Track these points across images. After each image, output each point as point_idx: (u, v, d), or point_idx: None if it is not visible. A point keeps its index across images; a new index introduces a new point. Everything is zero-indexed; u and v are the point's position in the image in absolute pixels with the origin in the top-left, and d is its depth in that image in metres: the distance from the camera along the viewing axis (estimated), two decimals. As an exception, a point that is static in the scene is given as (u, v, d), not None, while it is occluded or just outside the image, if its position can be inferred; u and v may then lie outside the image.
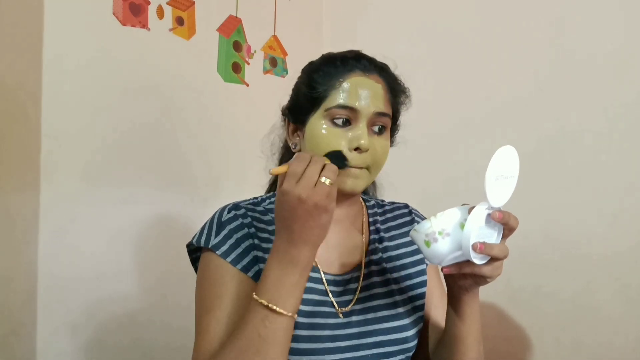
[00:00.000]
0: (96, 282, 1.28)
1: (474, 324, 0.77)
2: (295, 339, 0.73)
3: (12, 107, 1.13)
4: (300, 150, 0.86)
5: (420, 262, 0.89)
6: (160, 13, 1.44)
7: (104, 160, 1.30)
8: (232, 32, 1.63)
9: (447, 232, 0.65)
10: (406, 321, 0.82)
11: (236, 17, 1.65)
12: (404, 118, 0.92)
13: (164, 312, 1.40)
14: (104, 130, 1.30)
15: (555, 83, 1.38)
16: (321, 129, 0.79)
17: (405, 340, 0.80)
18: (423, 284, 0.87)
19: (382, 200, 0.98)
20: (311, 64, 0.87)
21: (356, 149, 0.77)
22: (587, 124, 1.32)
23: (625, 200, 1.26)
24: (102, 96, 1.30)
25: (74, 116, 1.24)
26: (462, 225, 0.64)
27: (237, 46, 1.65)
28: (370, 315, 0.80)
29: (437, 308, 0.89)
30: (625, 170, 1.27)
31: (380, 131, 0.81)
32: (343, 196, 0.83)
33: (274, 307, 0.65)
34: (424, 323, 0.86)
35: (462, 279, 0.72)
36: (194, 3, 1.52)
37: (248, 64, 1.68)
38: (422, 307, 0.85)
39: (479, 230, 0.64)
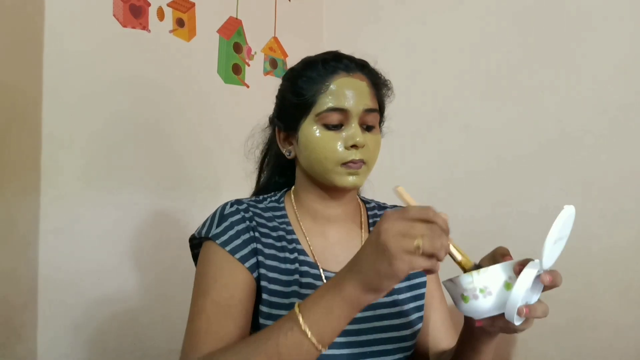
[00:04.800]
0: (97, 283, 1.28)
1: (488, 358, 0.77)
2: None
3: (13, 109, 1.14)
4: (295, 157, 0.87)
5: None
6: (161, 15, 1.44)
7: (105, 162, 1.30)
8: (232, 33, 1.64)
9: (489, 291, 0.61)
10: (405, 320, 0.82)
11: (236, 18, 1.65)
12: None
13: (165, 313, 1.40)
14: (105, 131, 1.30)
15: (555, 84, 1.38)
16: (315, 134, 0.80)
17: (403, 339, 0.81)
18: (422, 284, 0.87)
19: (384, 203, 0.99)
20: (292, 70, 0.88)
21: (352, 146, 0.79)
22: (587, 125, 1.32)
23: (626, 201, 1.26)
24: (103, 98, 1.30)
25: (74, 118, 1.24)
26: (507, 285, 0.60)
27: (237, 48, 1.65)
28: (369, 313, 0.80)
29: (436, 311, 0.89)
30: (625, 171, 1.26)
31: (370, 127, 0.83)
32: (342, 193, 0.85)
33: (318, 345, 0.60)
34: (424, 324, 0.86)
35: (489, 327, 0.67)
36: (194, 4, 1.52)
37: (248, 65, 1.68)
38: (421, 308, 0.86)
39: (525, 293, 0.60)
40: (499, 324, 0.63)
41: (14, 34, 1.14)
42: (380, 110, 0.88)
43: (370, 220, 0.92)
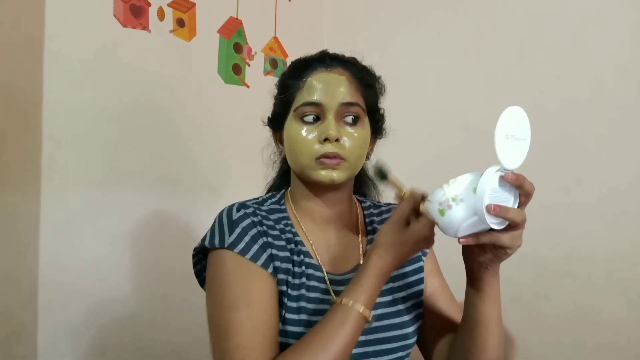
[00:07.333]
0: (97, 284, 1.28)
1: (496, 305, 0.75)
2: (301, 337, 0.73)
3: (13, 110, 1.14)
4: (284, 156, 0.88)
5: (417, 259, 0.89)
6: (161, 15, 1.44)
7: (105, 162, 1.31)
8: (232, 33, 1.64)
9: (461, 198, 0.63)
10: (406, 318, 0.82)
11: (237, 18, 1.65)
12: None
13: (165, 313, 1.40)
14: (105, 132, 1.31)
15: (556, 85, 1.38)
16: (294, 129, 0.82)
17: (405, 337, 0.81)
18: (420, 281, 0.88)
19: (378, 201, 0.99)
20: (283, 72, 0.91)
21: (325, 140, 0.79)
22: (587, 125, 1.32)
23: (626, 201, 1.26)
24: (103, 98, 1.30)
25: (75, 118, 1.25)
26: (475, 190, 0.62)
27: (237, 48, 1.65)
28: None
29: (439, 299, 0.88)
30: (625, 171, 1.27)
31: (355, 121, 0.82)
32: (327, 190, 0.85)
33: (369, 319, 0.70)
34: (427, 317, 0.86)
35: (481, 255, 0.70)
36: (194, 5, 1.52)
37: (249, 65, 1.68)
38: (420, 304, 0.86)
39: (493, 193, 0.62)
40: (484, 239, 0.65)
41: (14, 34, 1.14)
42: (369, 105, 0.86)
43: (367, 220, 0.92)
